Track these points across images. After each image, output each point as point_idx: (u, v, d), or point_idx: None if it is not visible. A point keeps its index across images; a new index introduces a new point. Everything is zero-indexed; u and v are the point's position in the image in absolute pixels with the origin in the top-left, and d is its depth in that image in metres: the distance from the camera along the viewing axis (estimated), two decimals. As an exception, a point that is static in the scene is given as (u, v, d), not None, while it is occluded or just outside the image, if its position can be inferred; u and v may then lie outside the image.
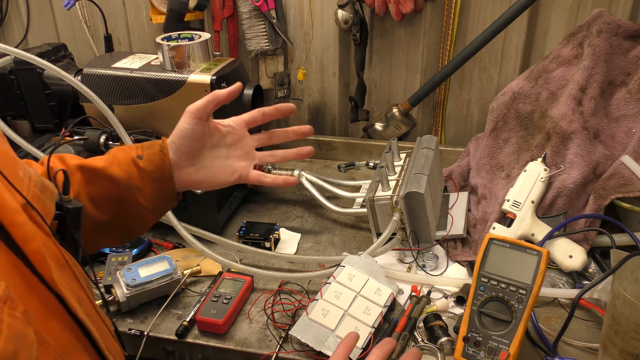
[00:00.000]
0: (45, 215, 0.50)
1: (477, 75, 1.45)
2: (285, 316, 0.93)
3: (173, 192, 0.76)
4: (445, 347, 0.85)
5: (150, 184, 0.73)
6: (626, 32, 1.13)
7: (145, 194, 0.73)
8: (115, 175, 0.72)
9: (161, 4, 1.49)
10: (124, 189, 0.73)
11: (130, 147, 0.76)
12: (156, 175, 0.74)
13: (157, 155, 0.74)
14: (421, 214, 1.03)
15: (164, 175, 0.74)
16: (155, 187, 0.74)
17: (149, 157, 0.74)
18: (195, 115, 0.76)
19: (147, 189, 0.73)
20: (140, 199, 0.73)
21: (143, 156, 0.74)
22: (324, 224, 1.21)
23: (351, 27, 1.39)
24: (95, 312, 0.55)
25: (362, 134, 1.57)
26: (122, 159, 0.74)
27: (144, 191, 0.73)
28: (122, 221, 0.75)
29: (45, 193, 0.52)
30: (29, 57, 1.00)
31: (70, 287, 0.50)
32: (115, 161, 0.73)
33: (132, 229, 0.78)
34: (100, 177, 0.72)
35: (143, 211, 0.75)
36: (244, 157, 0.81)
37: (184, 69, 1.18)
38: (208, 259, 1.05)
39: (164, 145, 0.75)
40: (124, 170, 0.73)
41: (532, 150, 1.14)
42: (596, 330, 0.89)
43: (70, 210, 0.56)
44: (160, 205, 0.76)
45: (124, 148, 0.76)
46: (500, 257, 0.83)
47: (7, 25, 1.70)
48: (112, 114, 1.07)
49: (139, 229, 0.79)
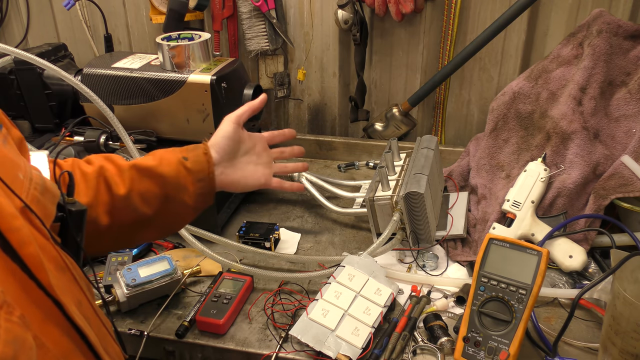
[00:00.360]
0: (44, 218, 0.50)
1: (477, 75, 1.45)
2: (285, 316, 0.93)
3: (213, 190, 0.85)
4: (445, 347, 0.85)
5: (195, 183, 0.82)
6: (626, 32, 1.13)
7: (190, 193, 0.81)
8: (166, 173, 0.79)
9: (161, 4, 1.49)
10: (172, 186, 0.80)
11: (174, 149, 0.84)
12: (201, 176, 0.82)
13: (202, 157, 0.83)
14: (421, 214, 1.03)
15: (208, 176, 0.83)
16: (200, 186, 0.82)
17: (194, 158, 0.83)
18: (235, 120, 0.89)
19: (192, 188, 0.81)
20: (185, 197, 0.81)
21: (188, 158, 0.82)
22: (324, 224, 1.21)
23: (351, 27, 1.39)
24: (95, 315, 0.55)
25: (362, 134, 1.57)
26: (170, 159, 0.81)
27: (189, 190, 0.81)
28: (164, 217, 0.81)
29: (46, 195, 0.52)
30: (29, 57, 1.00)
31: (69, 290, 0.50)
32: (165, 161, 0.81)
33: (172, 224, 0.85)
34: (152, 174, 0.79)
35: (185, 208, 0.82)
36: (267, 165, 0.96)
37: (184, 69, 1.18)
38: (208, 259, 1.05)
39: (207, 148, 0.85)
40: (173, 169, 0.80)
41: (532, 150, 1.14)
42: (596, 330, 0.89)
43: (73, 213, 0.57)
44: (201, 203, 0.84)
45: (169, 150, 0.84)
46: (500, 257, 0.83)
47: (7, 25, 1.70)
48: (112, 114, 1.07)
49: (179, 224, 0.88)
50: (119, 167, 0.78)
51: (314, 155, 1.52)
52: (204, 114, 1.18)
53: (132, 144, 1.08)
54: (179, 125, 1.22)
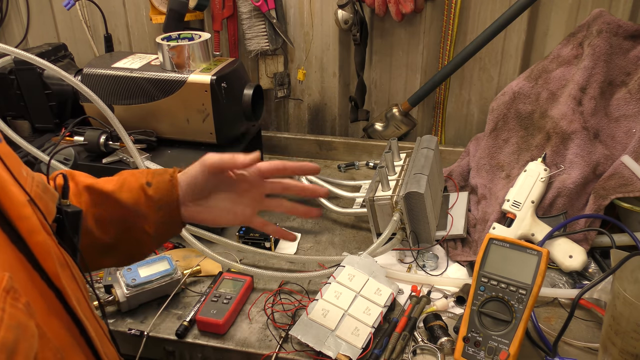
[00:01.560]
0: (47, 214, 0.50)
1: (477, 75, 1.45)
2: (285, 316, 0.93)
3: (178, 221, 0.76)
4: (445, 347, 0.85)
5: (155, 212, 0.74)
6: (626, 32, 1.13)
7: (150, 221, 0.74)
8: (123, 200, 0.73)
9: (161, 4, 1.49)
10: (131, 213, 0.73)
11: (141, 172, 0.77)
12: (162, 204, 0.74)
13: (166, 184, 0.74)
14: (421, 214, 1.03)
15: (170, 205, 0.74)
16: (160, 215, 0.74)
17: (157, 184, 0.74)
18: (210, 170, 0.75)
19: (153, 217, 0.74)
20: (145, 225, 0.74)
21: (152, 183, 0.74)
22: (324, 224, 1.21)
23: (351, 27, 1.39)
24: (92, 314, 0.55)
25: (362, 134, 1.57)
26: (132, 184, 0.74)
27: (149, 218, 0.74)
28: (125, 244, 0.75)
29: (47, 194, 0.53)
30: (29, 57, 1.01)
31: (70, 285, 0.51)
32: (125, 186, 0.74)
33: (133, 253, 0.78)
34: (108, 200, 0.73)
35: (146, 237, 0.75)
36: (251, 204, 0.80)
37: (184, 69, 1.18)
38: (208, 259, 1.05)
39: (174, 176, 0.75)
40: (132, 195, 0.73)
41: (532, 150, 1.14)
42: (596, 330, 0.89)
43: (69, 214, 0.57)
44: (163, 232, 0.77)
45: (135, 173, 0.77)
46: (500, 257, 0.83)
47: (7, 25, 1.70)
48: (112, 114, 1.07)
49: (140, 253, 0.79)
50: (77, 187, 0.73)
51: (314, 155, 1.52)
52: (204, 114, 1.18)
53: (132, 144, 1.09)
54: (179, 125, 1.22)
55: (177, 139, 1.25)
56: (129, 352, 0.92)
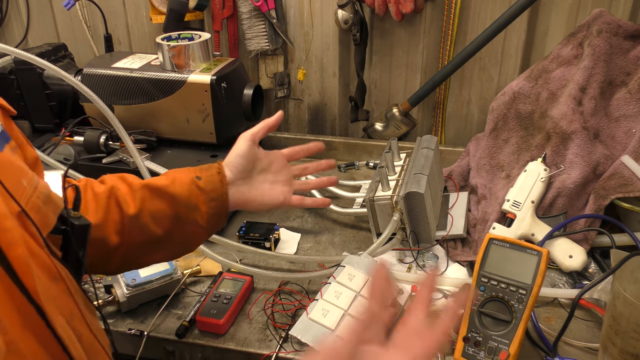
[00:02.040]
0: (42, 227, 0.49)
1: (477, 75, 1.45)
2: (285, 316, 0.93)
3: (226, 211, 0.82)
4: (445, 347, 0.85)
5: (208, 203, 0.79)
6: (626, 32, 1.13)
7: (202, 213, 0.79)
8: (177, 193, 0.78)
9: (161, 4, 1.49)
10: (184, 207, 0.78)
11: (188, 169, 0.82)
12: (214, 195, 0.80)
13: (215, 177, 0.81)
14: (421, 214, 1.03)
15: (221, 196, 0.80)
16: (212, 206, 0.80)
17: (207, 178, 0.80)
18: (249, 138, 0.85)
19: (205, 208, 0.79)
20: (197, 217, 0.79)
21: (202, 177, 0.80)
22: (324, 224, 1.21)
23: (351, 27, 1.39)
24: (89, 330, 0.54)
25: (362, 134, 1.57)
26: (183, 179, 0.79)
27: (201, 210, 0.79)
28: (176, 237, 0.79)
29: (49, 205, 0.52)
30: (29, 57, 1.01)
31: (60, 302, 0.50)
32: (177, 181, 0.79)
33: (184, 245, 0.83)
34: (164, 194, 0.77)
35: (198, 228, 0.80)
36: (286, 183, 0.90)
37: (184, 69, 1.18)
38: (208, 259, 1.05)
39: (221, 168, 0.82)
40: (185, 189, 0.78)
41: (532, 150, 1.14)
42: (596, 330, 0.89)
43: (75, 227, 0.56)
44: (214, 223, 0.82)
45: (183, 170, 0.82)
46: (500, 257, 0.83)
47: (7, 25, 1.70)
48: (112, 114, 1.07)
49: (191, 246, 0.84)
50: (130, 187, 0.77)
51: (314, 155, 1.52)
52: (204, 114, 1.18)
53: (132, 144, 1.09)
54: (179, 125, 1.22)
55: (177, 139, 1.25)
56: (129, 352, 0.92)
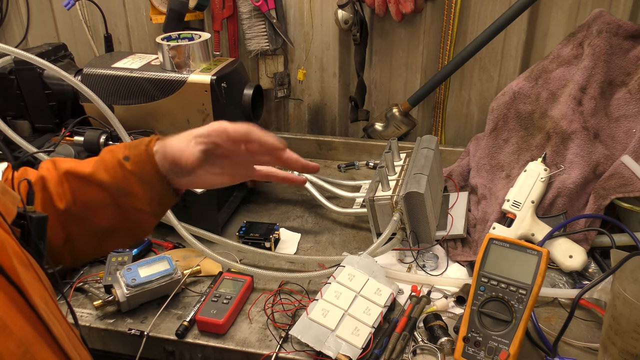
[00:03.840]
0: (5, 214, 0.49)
1: (477, 75, 1.45)
2: (285, 316, 0.93)
3: (167, 191, 0.71)
4: (445, 347, 0.85)
5: (140, 187, 0.68)
6: (626, 32, 1.13)
7: (139, 197, 0.69)
8: (103, 180, 0.68)
9: (161, 4, 1.49)
10: (116, 193, 0.68)
11: (118, 147, 0.71)
12: (145, 177, 0.68)
13: (142, 156, 0.68)
14: (421, 214, 1.03)
15: (152, 177, 0.68)
16: (147, 189, 0.69)
17: (135, 157, 0.68)
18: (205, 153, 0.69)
19: (140, 192, 0.68)
20: (135, 202, 0.69)
21: (130, 157, 0.68)
22: (324, 224, 1.21)
23: (351, 27, 1.39)
24: (62, 317, 0.54)
25: (362, 134, 1.57)
26: (108, 162, 0.69)
27: (137, 194, 0.69)
28: (124, 225, 0.71)
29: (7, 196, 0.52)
30: (29, 57, 1.01)
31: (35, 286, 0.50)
32: (102, 165, 0.69)
33: (135, 232, 0.74)
34: (89, 183, 0.68)
35: (141, 215, 0.70)
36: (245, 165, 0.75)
37: (184, 69, 1.18)
38: (208, 259, 1.05)
39: (149, 146, 0.69)
40: (110, 174, 0.68)
41: (532, 150, 1.14)
42: (596, 330, 0.89)
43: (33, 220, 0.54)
44: (157, 206, 0.72)
45: (113, 149, 0.71)
46: (500, 257, 0.83)
47: (7, 25, 1.70)
48: (112, 114, 1.07)
49: (142, 231, 0.76)
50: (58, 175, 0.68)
51: (314, 155, 1.52)
52: (204, 114, 1.18)
53: (132, 144, 1.08)
54: (179, 125, 1.22)
55: (177, 139, 1.25)
56: (129, 352, 0.92)
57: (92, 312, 0.95)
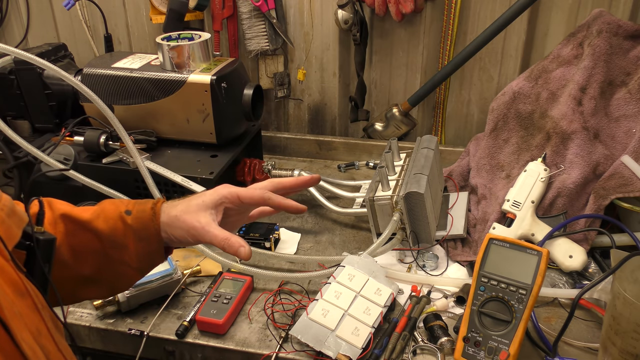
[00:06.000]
0: (7, 240, 0.48)
1: (477, 75, 1.45)
2: (285, 316, 0.93)
3: (160, 251, 0.73)
4: (445, 347, 0.85)
5: (135, 242, 0.70)
6: (626, 32, 1.13)
7: (130, 252, 0.70)
8: (100, 229, 0.69)
9: (161, 4, 1.49)
10: (108, 244, 0.70)
11: (122, 201, 0.74)
12: (143, 235, 0.70)
13: (147, 213, 0.71)
14: (421, 214, 1.03)
15: (151, 236, 0.70)
16: (142, 246, 0.70)
17: (138, 214, 0.71)
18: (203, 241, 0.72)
19: (133, 247, 0.70)
20: (125, 256, 0.70)
21: (132, 212, 0.71)
22: (324, 224, 1.21)
23: (351, 27, 1.39)
24: (56, 347, 0.52)
25: (362, 134, 1.57)
26: (109, 213, 0.71)
27: (129, 249, 0.70)
28: (105, 276, 0.71)
29: (13, 219, 0.51)
30: (29, 57, 1.00)
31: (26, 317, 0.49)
32: (103, 215, 0.70)
33: (115, 285, 0.74)
34: (84, 230, 0.69)
35: (127, 269, 0.71)
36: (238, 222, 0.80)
37: (184, 69, 1.18)
38: (208, 259, 1.05)
39: (157, 206, 0.72)
40: (109, 225, 0.70)
41: (532, 150, 1.14)
42: (596, 330, 0.89)
43: (40, 242, 0.54)
44: (146, 263, 0.73)
45: (116, 201, 0.73)
46: (500, 257, 0.83)
47: (7, 25, 1.70)
48: (112, 114, 1.07)
49: (122, 285, 0.76)
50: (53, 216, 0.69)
51: (314, 155, 1.52)
52: (204, 114, 1.18)
53: (132, 144, 1.09)
54: (179, 125, 1.22)
55: (177, 139, 1.25)
56: (129, 352, 0.92)
57: (92, 312, 0.95)
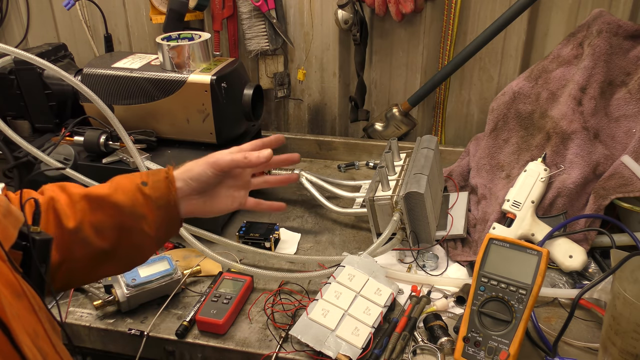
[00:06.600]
0: (3, 240, 0.48)
1: (477, 75, 1.45)
2: (285, 316, 0.93)
3: (177, 218, 0.77)
4: (445, 347, 0.85)
5: (155, 211, 0.73)
6: (626, 32, 1.13)
7: (150, 221, 0.73)
8: (120, 202, 0.72)
9: (161, 4, 1.49)
10: (129, 216, 0.72)
11: (134, 175, 0.76)
12: (162, 202, 0.74)
13: (162, 183, 0.74)
14: (421, 214, 1.03)
15: (169, 202, 0.74)
16: (160, 214, 0.74)
17: (154, 184, 0.74)
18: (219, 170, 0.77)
19: (152, 216, 0.73)
20: (144, 226, 0.73)
21: (148, 183, 0.74)
22: (324, 224, 1.21)
23: (351, 27, 1.39)
24: (54, 350, 0.53)
25: (362, 134, 1.57)
26: (126, 185, 0.74)
27: (148, 218, 0.73)
28: (124, 250, 0.74)
29: (9, 218, 0.51)
30: (29, 57, 1.00)
31: (24, 319, 0.48)
32: (120, 188, 0.73)
33: (133, 257, 0.77)
34: (105, 204, 0.72)
35: (146, 239, 0.74)
36: (243, 186, 0.84)
37: (184, 69, 1.18)
38: (208, 259, 1.05)
39: (170, 174, 0.76)
40: (128, 197, 0.72)
41: (532, 150, 1.14)
42: (596, 330, 0.89)
43: (37, 242, 0.54)
44: (163, 232, 0.76)
45: (128, 176, 0.76)
46: (500, 257, 0.83)
47: (7, 25, 1.70)
48: (112, 114, 1.07)
49: (140, 257, 0.79)
50: (71, 197, 0.71)
51: (314, 155, 1.52)
52: (204, 114, 1.18)
53: (132, 144, 1.09)
54: (179, 125, 1.22)
55: (177, 139, 1.25)
56: (129, 352, 0.92)
57: (92, 312, 0.95)
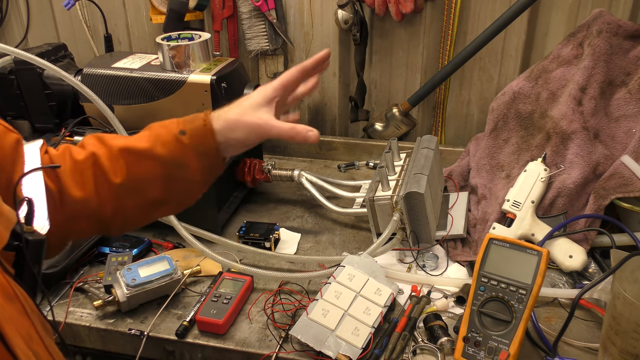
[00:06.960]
0: None
1: (477, 75, 1.45)
2: (285, 316, 0.93)
3: (220, 161, 0.77)
4: (445, 347, 0.85)
5: (196, 159, 0.73)
6: (626, 32, 1.13)
7: (193, 169, 0.74)
8: (160, 154, 0.72)
9: (161, 4, 1.49)
10: (171, 167, 0.73)
11: (170, 122, 0.75)
12: (201, 150, 0.73)
13: (200, 130, 0.74)
14: (421, 214, 1.03)
15: (210, 148, 0.74)
16: (202, 160, 0.74)
17: (192, 132, 0.73)
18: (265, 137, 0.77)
19: (194, 164, 0.73)
20: (188, 174, 0.74)
21: (186, 131, 0.73)
22: (324, 224, 1.21)
23: (351, 27, 1.39)
24: (47, 352, 0.52)
25: (362, 134, 1.57)
26: (164, 137, 0.73)
27: (190, 167, 0.73)
28: (174, 195, 0.76)
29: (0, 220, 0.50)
30: (29, 57, 1.01)
31: (17, 322, 0.48)
32: (159, 140, 0.73)
33: (183, 200, 0.79)
34: (145, 158, 0.72)
35: (192, 184, 0.76)
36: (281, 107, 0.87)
37: (184, 69, 1.18)
38: (208, 259, 1.05)
39: (207, 122, 0.74)
40: (169, 149, 0.72)
41: (532, 150, 1.14)
42: (596, 330, 0.89)
43: (30, 243, 0.53)
44: (209, 175, 0.77)
45: (165, 124, 0.75)
46: (500, 257, 0.83)
47: (7, 25, 1.70)
48: (112, 114, 1.07)
49: (191, 199, 0.79)
50: (111, 151, 0.72)
51: (314, 155, 1.52)
52: (204, 114, 1.18)
53: (132, 144, 1.08)
54: (179, 125, 1.21)
55: (177, 139, 1.25)
56: (129, 352, 0.92)
57: (92, 312, 0.95)
